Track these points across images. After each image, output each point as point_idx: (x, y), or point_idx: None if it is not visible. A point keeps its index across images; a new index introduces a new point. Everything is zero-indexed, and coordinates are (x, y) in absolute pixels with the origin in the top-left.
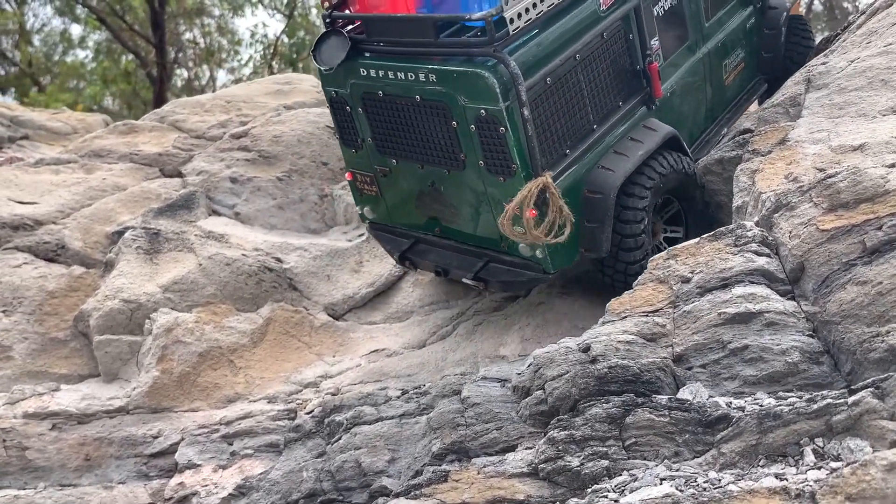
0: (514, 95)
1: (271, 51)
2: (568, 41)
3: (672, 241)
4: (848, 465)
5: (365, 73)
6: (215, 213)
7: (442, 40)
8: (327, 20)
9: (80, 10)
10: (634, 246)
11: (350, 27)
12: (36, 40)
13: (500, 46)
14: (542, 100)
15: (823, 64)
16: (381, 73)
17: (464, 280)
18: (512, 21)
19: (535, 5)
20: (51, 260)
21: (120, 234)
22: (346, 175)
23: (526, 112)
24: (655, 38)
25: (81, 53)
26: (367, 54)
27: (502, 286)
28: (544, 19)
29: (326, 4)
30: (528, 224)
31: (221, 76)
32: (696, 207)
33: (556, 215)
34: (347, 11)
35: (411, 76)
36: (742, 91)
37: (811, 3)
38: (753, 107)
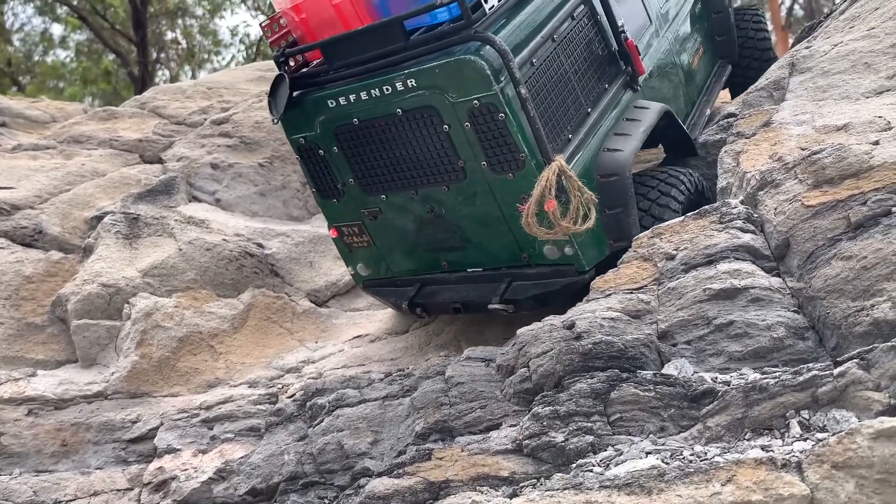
0: (506, 76)
1: (254, 50)
2: (542, 22)
3: None
4: (834, 434)
5: (334, 104)
6: (196, 199)
7: (415, 39)
8: (280, 60)
9: (60, 10)
10: None
11: (309, 63)
12: (15, 40)
13: (480, 27)
14: (534, 82)
15: (807, 48)
16: (352, 97)
17: (490, 307)
18: (486, 0)
19: None
20: (28, 245)
21: (99, 218)
22: (331, 233)
23: (523, 91)
24: (622, 20)
25: (62, 53)
26: (332, 84)
27: (535, 303)
28: (515, 1)
29: (280, 44)
30: (554, 217)
31: (204, 76)
32: None
33: (578, 199)
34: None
35: (387, 89)
36: (709, 76)
37: (792, 6)
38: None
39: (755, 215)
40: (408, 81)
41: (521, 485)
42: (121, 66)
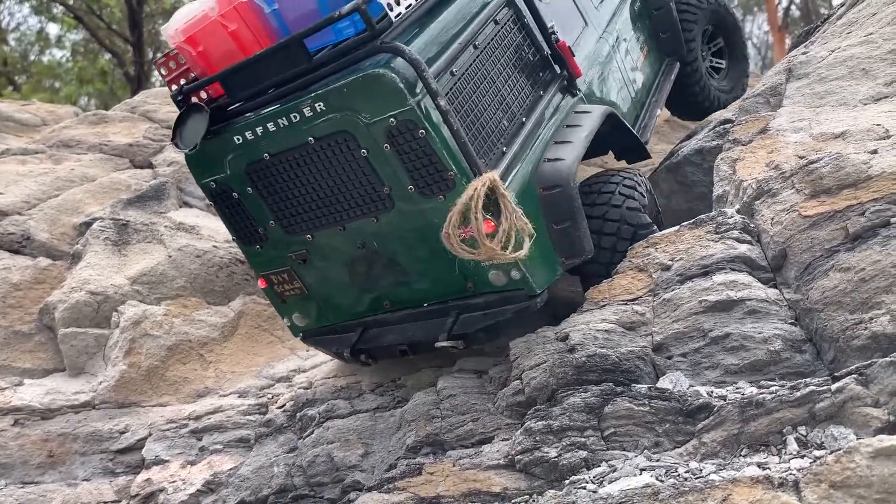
0: (422, 88)
1: None
2: (461, 29)
3: None
4: (832, 452)
5: (240, 139)
6: (186, 204)
7: (318, 59)
8: (179, 98)
9: (56, 10)
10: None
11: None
12: (11, 39)
13: (388, 38)
14: (456, 93)
15: (804, 54)
16: (258, 130)
17: (438, 345)
18: (391, 7)
19: None
20: (15, 251)
21: (87, 225)
22: (259, 283)
23: (443, 102)
24: (551, 22)
25: (58, 53)
26: (237, 118)
27: (486, 335)
28: (427, 8)
29: (181, 82)
30: (479, 234)
31: None
32: None
33: (510, 222)
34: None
35: (295, 117)
36: (657, 74)
37: (788, 7)
38: None
39: (752, 225)
40: (316, 105)
41: (514, 501)
42: (117, 66)
